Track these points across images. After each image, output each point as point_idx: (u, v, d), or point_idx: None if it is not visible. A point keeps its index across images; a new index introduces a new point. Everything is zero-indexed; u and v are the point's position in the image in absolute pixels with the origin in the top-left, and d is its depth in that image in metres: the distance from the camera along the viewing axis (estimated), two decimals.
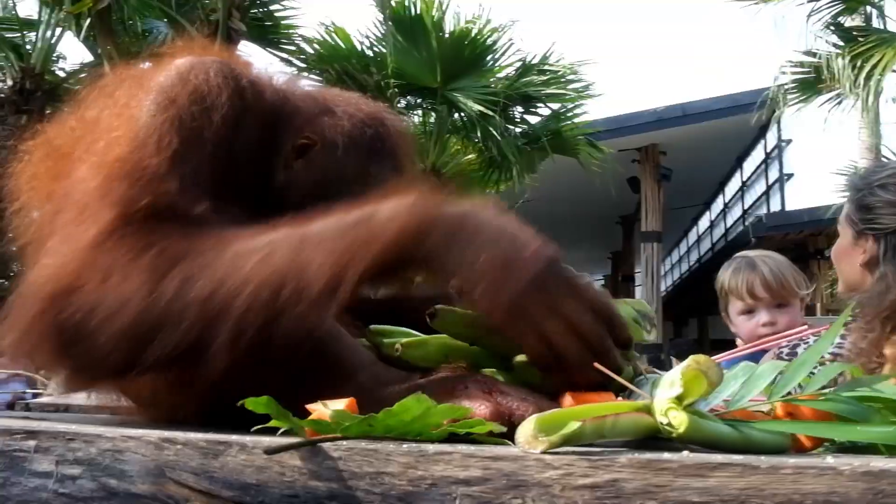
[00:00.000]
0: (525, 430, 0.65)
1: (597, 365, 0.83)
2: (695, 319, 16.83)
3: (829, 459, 0.59)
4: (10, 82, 5.04)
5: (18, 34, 5.39)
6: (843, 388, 0.91)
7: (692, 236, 17.38)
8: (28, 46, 5.26)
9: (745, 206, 13.51)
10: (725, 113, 10.70)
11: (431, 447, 0.64)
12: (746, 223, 12.42)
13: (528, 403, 0.82)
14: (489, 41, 6.73)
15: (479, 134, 6.70)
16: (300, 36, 6.35)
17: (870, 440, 0.79)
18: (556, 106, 7.30)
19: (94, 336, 0.82)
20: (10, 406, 1.74)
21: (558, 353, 0.84)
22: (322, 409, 0.84)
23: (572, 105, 7.29)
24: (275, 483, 0.65)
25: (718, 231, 15.03)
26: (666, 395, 0.76)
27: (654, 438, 0.77)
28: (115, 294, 0.83)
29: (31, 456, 0.73)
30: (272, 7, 5.70)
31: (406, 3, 6.57)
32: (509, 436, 0.70)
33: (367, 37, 6.84)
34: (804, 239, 10.81)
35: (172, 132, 1.01)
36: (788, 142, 12.25)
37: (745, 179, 13.66)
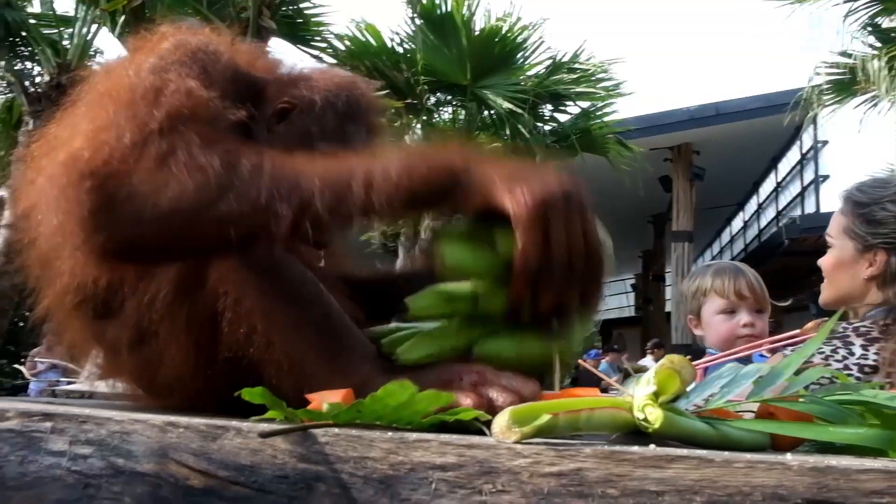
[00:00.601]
0: (500, 420, 0.70)
1: (582, 363, 0.89)
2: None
3: (787, 456, 0.63)
4: (47, 77, 5.18)
5: (55, 30, 5.54)
6: (823, 391, 0.94)
7: (725, 237, 17.23)
8: (65, 42, 5.40)
9: (780, 208, 13.37)
10: (760, 113, 10.60)
11: (412, 435, 0.69)
12: (780, 224, 12.30)
13: (511, 393, 0.87)
14: (519, 39, 6.75)
15: (507, 131, 6.73)
16: (331, 33, 6.44)
17: (841, 441, 0.83)
18: (585, 104, 7.31)
19: (142, 212, 0.86)
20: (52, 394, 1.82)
21: (549, 264, 0.89)
22: (321, 399, 0.90)
23: (602, 103, 7.29)
24: (267, 465, 0.70)
25: (752, 232, 14.89)
26: (643, 392, 0.81)
27: (636, 434, 0.82)
28: (178, 179, 0.86)
29: (47, 436, 0.79)
30: (302, 5, 5.78)
31: (436, 1, 6.63)
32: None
33: (398, 33, 6.92)
34: None
35: (191, 65, 1.04)
36: (824, 143, 12.10)
37: (779, 180, 13.51)
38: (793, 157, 12.81)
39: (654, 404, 0.79)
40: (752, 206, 15.01)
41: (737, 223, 16.12)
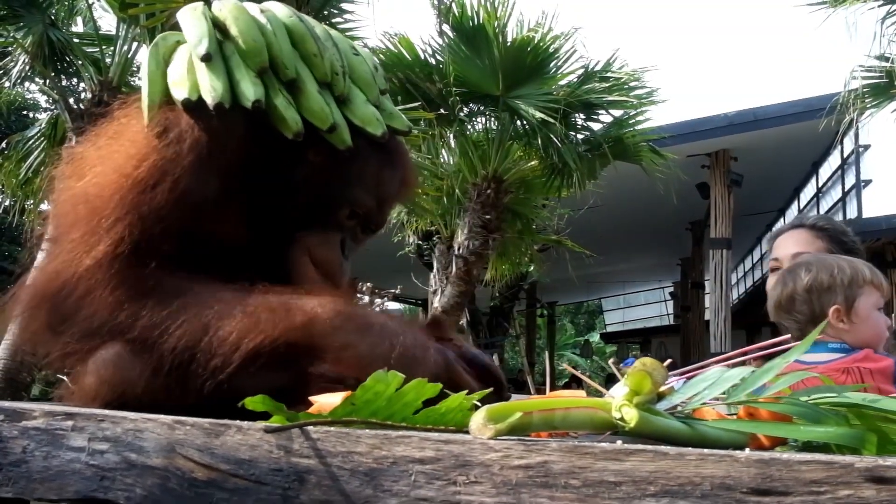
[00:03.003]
0: (477, 418, 0.75)
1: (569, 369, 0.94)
2: (768, 328, 16.44)
3: (735, 451, 0.68)
4: (89, 95, 5.37)
5: (98, 49, 5.72)
6: (803, 392, 0.98)
7: (765, 243, 17.01)
8: (107, 60, 5.58)
9: (821, 213, 13.18)
10: (799, 118, 10.47)
11: (394, 432, 0.75)
12: None
13: None
14: (551, 49, 6.77)
15: (539, 141, 6.76)
16: (365, 45, 6.52)
17: (815, 439, 0.86)
18: (618, 112, 7.30)
19: (72, 326, 1.12)
20: None
21: None
22: (320, 401, 0.96)
23: (635, 111, 7.28)
24: (264, 459, 0.76)
25: None
26: (619, 392, 0.85)
27: (619, 434, 0.86)
28: (93, 306, 1.10)
29: (69, 434, 0.87)
30: (335, 20, 5.88)
31: (469, 13, 6.69)
32: None
33: (430, 45, 6.99)
34: (882, 247, 10.51)
35: (179, 173, 1.16)
36: (867, 147, 11.91)
37: (820, 185, 13.33)
38: (834, 161, 12.63)
39: (630, 405, 0.84)
40: (792, 212, 14.81)
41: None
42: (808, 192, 13.90)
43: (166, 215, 1.15)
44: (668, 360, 0.99)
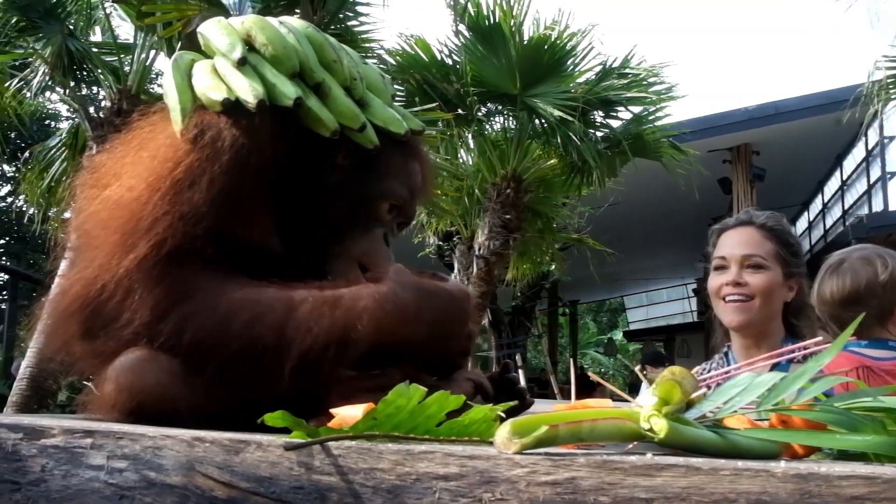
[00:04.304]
0: (501, 432, 0.73)
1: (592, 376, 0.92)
2: None
3: (771, 464, 0.65)
4: (108, 104, 5.39)
5: (116, 58, 5.75)
6: (837, 398, 0.95)
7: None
8: (126, 68, 5.60)
9: (846, 207, 13.01)
10: (821, 110, 10.34)
11: (417, 447, 0.73)
12: (847, 224, 11.98)
13: None
14: (568, 46, 6.72)
15: (559, 140, 6.72)
16: (381, 48, 6.53)
17: (852, 448, 0.84)
18: (637, 109, 7.25)
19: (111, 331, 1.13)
20: None
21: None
22: (342, 413, 0.94)
23: (654, 107, 7.22)
24: (285, 476, 0.75)
25: (817, 232, 14.52)
26: (648, 402, 0.83)
27: (649, 444, 0.84)
28: (134, 309, 1.11)
29: (87, 452, 0.86)
30: (350, 23, 5.87)
31: (484, 12, 6.67)
32: None
33: (446, 46, 6.97)
34: None
35: (216, 171, 1.17)
36: (891, 138, 11.75)
37: (845, 178, 13.16)
38: (858, 154, 12.47)
39: (659, 415, 0.81)
40: (816, 205, 14.65)
41: (801, 223, 15.74)
42: (833, 185, 13.73)
43: (204, 215, 1.16)
44: (697, 368, 0.96)
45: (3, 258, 17.90)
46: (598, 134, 7.31)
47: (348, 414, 0.91)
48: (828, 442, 0.84)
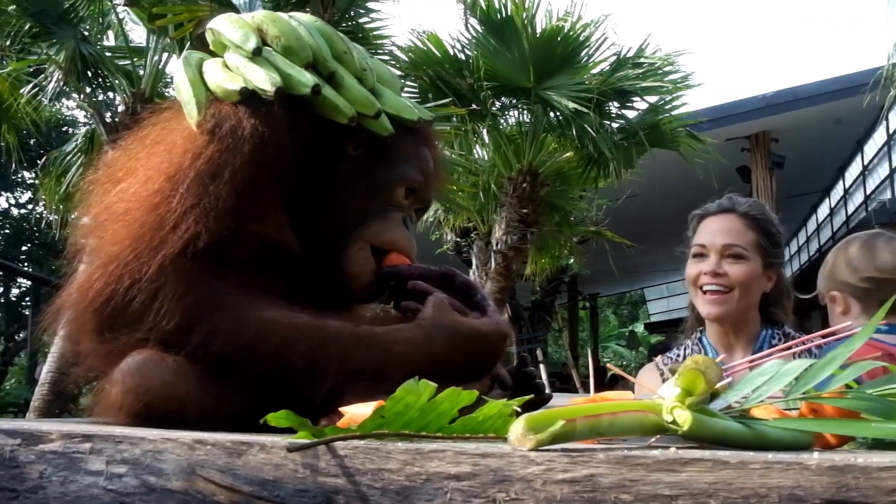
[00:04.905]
0: (515, 428, 0.69)
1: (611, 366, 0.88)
2: (818, 312, 16.04)
3: (803, 456, 0.61)
4: (122, 107, 5.40)
5: (129, 61, 5.76)
6: (870, 385, 0.90)
7: (811, 225, 16.64)
8: (139, 72, 5.61)
9: (868, 192, 12.83)
10: (840, 95, 10.18)
11: (427, 445, 0.69)
12: (869, 209, 11.81)
13: None
14: (581, 37, 6.65)
15: (574, 132, 6.65)
16: (393, 44, 6.50)
17: (888, 436, 0.79)
18: (653, 99, 7.16)
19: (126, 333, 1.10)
20: None
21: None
22: (351, 412, 0.91)
23: (670, 97, 7.13)
24: (289, 479, 0.71)
25: (839, 219, 14.34)
26: (671, 394, 0.79)
27: (673, 437, 0.80)
28: (163, 313, 1.08)
29: (86, 457, 0.83)
30: (361, 20, 5.84)
31: (496, 6, 6.61)
32: None
33: (458, 41, 6.91)
34: None
35: (238, 163, 1.15)
36: None
37: (866, 164, 12.97)
38: (880, 138, 12.28)
39: (683, 406, 0.77)
40: (838, 191, 14.46)
41: (823, 210, 15.55)
42: (854, 170, 13.54)
43: (229, 209, 1.15)
44: (721, 356, 0.92)
45: (26, 264, 18.07)
46: (614, 125, 7.23)
47: (358, 412, 0.88)
48: (862, 431, 0.79)
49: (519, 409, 0.82)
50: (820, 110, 10.36)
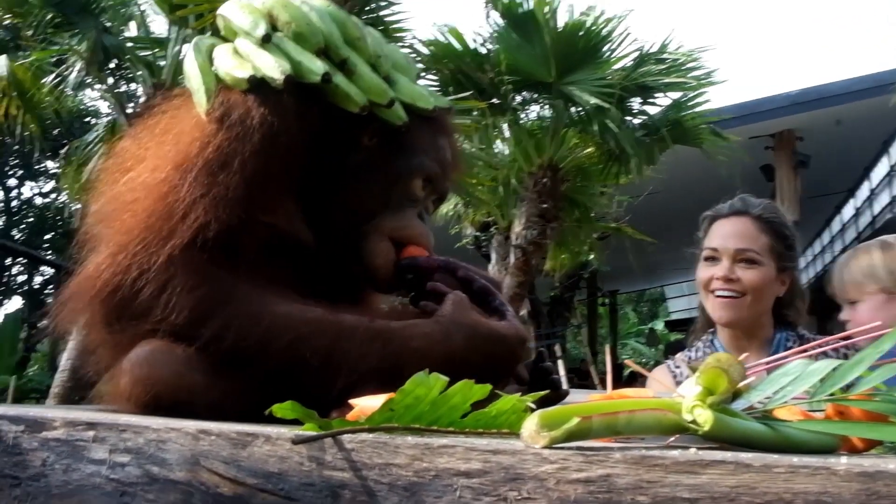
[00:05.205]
0: (529, 425, 0.67)
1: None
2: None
3: (830, 460, 0.58)
4: (143, 98, 5.42)
5: (150, 52, 5.78)
6: None
7: (835, 225, 16.44)
8: (161, 63, 5.63)
9: (894, 192, 12.65)
10: (867, 94, 10.04)
11: (437, 441, 0.66)
12: (895, 210, 11.65)
13: None
14: (604, 32, 6.58)
15: (595, 127, 6.60)
16: (414, 38, 6.47)
17: None
18: (675, 95, 7.08)
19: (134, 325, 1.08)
20: None
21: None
22: (361, 404, 0.89)
23: (693, 93, 7.05)
24: (294, 472, 0.69)
25: (864, 219, 14.15)
26: (692, 392, 0.76)
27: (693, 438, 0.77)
28: (171, 306, 1.06)
29: (89, 445, 0.81)
30: (382, 13, 5.82)
31: (518, 0, 6.56)
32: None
33: (480, 34, 6.88)
34: None
35: (248, 152, 1.13)
36: None
37: (893, 164, 12.79)
38: None
39: (704, 405, 0.74)
40: (863, 192, 14.27)
41: (847, 210, 15.36)
42: (880, 170, 13.35)
43: (239, 199, 1.13)
44: (745, 355, 0.89)
45: (49, 252, 18.25)
46: (636, 121, 7.17)
47: (368, 405, 0.86)
48: (892, 435, 0.76)
49: (533, 405, 0.79)
50: (845, 109, 10.22)
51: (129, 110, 5.47)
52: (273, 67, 1.19)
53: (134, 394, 1.05)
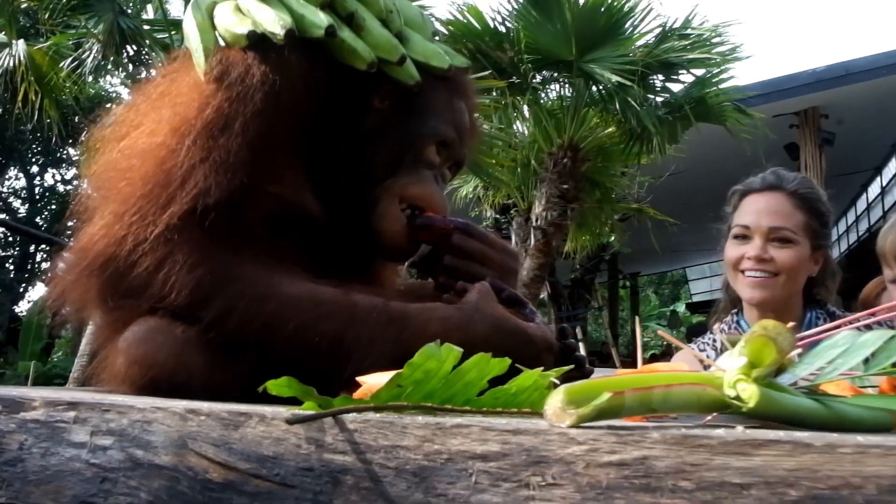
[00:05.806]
0: (553, 401, 0.59)
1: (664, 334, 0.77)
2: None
3: None
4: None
5: (167, 34, 5.73)
6: None
7: (860, 204, 16.18)
8: (177, 46, 5.58)
9: None
10: (895, 70, 9.83)
11: (449, 420, 0.59)
12: None
13: None
14: (626, 8, 6.43)
15: (617, 106, 6.47)
16: (433, 16, 6.36)
17: None
18: (699, 72, 6.93)
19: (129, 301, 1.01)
20: None
21: None
22: (369, 381, 0.81)
23: (717, 70, 6.90)
24: (291, 455, 0.62)
25: (890, 198, 13.90)
26: (734, 365, 0.68)
27: (734, 415, 0.69)
28: (170, 283, 0.98)
29: (70, 427, 0.75)
30: None
31: None
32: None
33: (499, 13, 6.76)
34: None
35: (249, 113, 1.05)
36: None
37: None
38: None
39: (748, 379, 0.66)
40: (890, 169, 14.00)
41: (874, 189, 15.09)
42: None
43: (241, 164, 1.05)
44: (792, 323, 0.80)
45: (73, 240, 18.34)
46: (659, 99, 7.04)
47: (376, 382, 0.78)
48: None
49: (557, 382, 0.71)
50: (872, 85, 10.00)
51: None
52: (273, 21, 1.12)
53: (129, 375, 0.98)
